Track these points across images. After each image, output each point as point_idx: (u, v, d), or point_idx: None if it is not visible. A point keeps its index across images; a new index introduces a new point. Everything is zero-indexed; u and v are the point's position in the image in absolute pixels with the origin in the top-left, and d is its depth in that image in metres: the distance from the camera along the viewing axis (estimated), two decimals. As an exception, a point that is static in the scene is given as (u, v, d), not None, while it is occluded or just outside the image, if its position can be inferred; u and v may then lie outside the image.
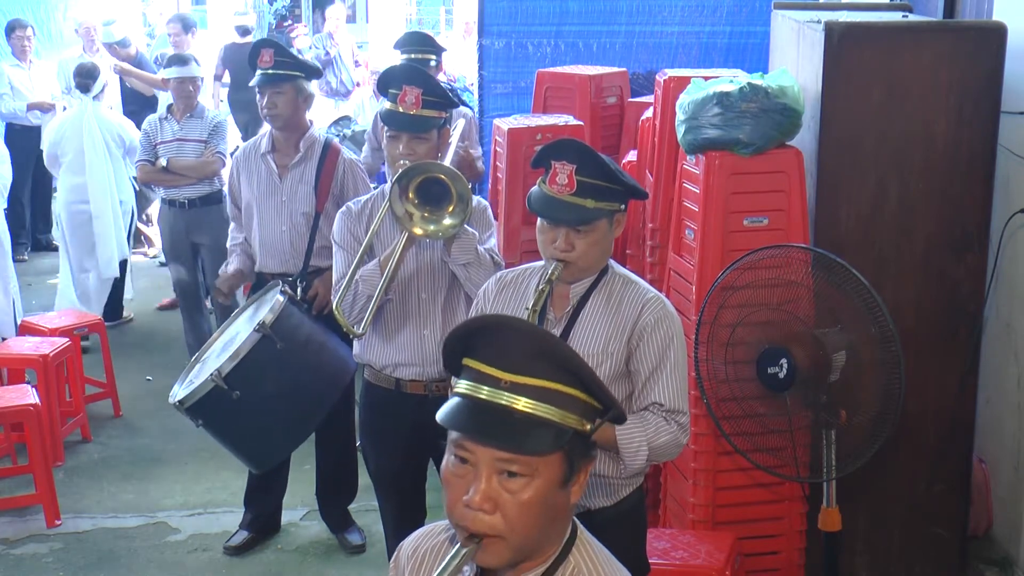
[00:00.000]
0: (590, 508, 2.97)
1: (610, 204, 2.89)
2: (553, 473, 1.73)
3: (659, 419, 2.90)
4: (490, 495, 1.71)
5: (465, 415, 1.72)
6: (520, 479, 1.71)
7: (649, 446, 2.88)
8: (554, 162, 2.88)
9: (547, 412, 1.71)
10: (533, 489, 1.71)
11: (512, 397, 1.70)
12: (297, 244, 4.76)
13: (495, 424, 1.70)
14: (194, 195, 6.58)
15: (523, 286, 3.05)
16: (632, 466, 2.90)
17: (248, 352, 4.13)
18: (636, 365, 2.94)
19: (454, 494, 1.74)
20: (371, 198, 3.89)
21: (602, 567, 1.83)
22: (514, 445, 1.69)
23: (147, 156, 6.57)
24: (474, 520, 1.71)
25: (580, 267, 2.93)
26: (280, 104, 4.70)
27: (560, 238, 2.89)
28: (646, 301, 2.95)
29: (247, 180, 4.82)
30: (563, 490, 1.76)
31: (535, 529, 1.74)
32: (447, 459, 1.76)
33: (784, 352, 3.54)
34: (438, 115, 3.74)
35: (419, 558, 1.95)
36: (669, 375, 2.93)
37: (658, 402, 2.92)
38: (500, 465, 1.71)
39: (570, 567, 1.81)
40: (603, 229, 2.91)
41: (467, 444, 1.72)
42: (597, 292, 2.98)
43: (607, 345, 2.94)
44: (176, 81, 6.59)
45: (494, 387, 1.71)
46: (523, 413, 1.70)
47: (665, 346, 2.92)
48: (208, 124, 6.61)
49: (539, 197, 2.92)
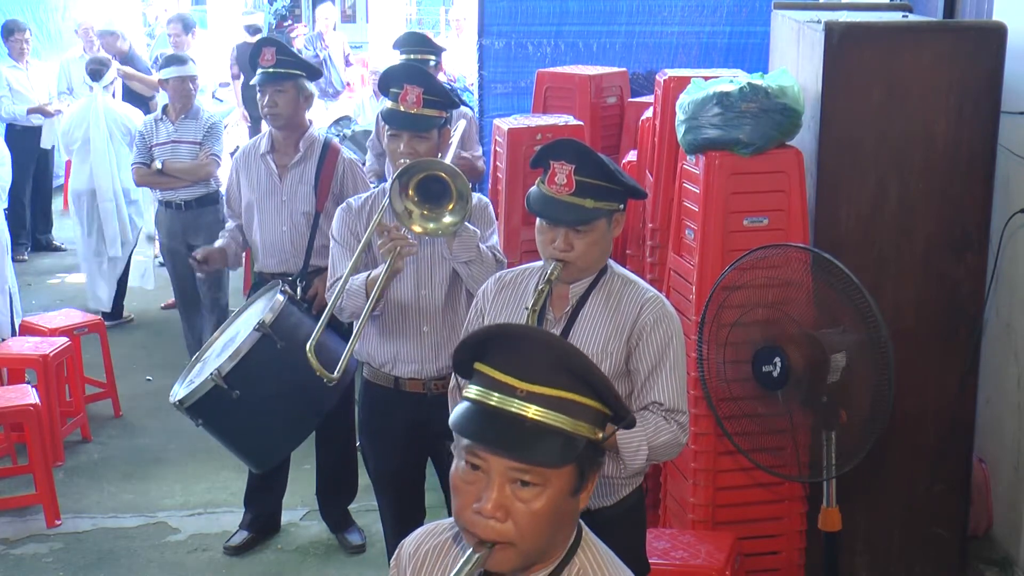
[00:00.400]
0: (590, 508, 2.96)
1: (609, 204, 2.89)
2: (565, 483, 1.73)
3: (659, 418, 2.91)
4: (502, 503, 1.70)
5: (479, 423, 1.71)
6: (532, 488, 1.71)
7: (649, 445, 2.88)
8: (553, 162, 2.88)
9: (559, 421, 1.70)
10: (545, 498, 1.71)
11: (523, 405, 1.69)
12: (297, 243, 4.76)
13: (508, 433, 1.69)
14: (190, 197, 6.53)
15: (522, 286, 3.05)
16: (632, 466, 2.90)
17: (248, 351, 4.13)
18: (635, 364, 2.94)
19: (464, 499, 1.74)
20: (372, 195, 3.89)
21: (607, 568, 1.84)
22: (528, 456, 1.69)
23: (142, 158, 6.53)
24: (485, 527, 1.71)
25: (579, 267, 2.93)
26: (281, 103, 4.69)
27: (559, 238, 2.89)
28: (645, 300, 2.95)
29: (247, 180, 4.83)
30: (573, 498, 1.76)
31: (545, 536, 1.75)
32: (457, 464, 1.76)
33: (779, 351, 3.54)
34: (439, 114, 3.74)
35: (421, 557, 1.96)
36: (668, 374, 2.93)
37: (658, 401, 2.92)
38: (513, 474, 1.70)
39: (575, 568, 1.82)
40: (602, 229, 2.91)
41: (480, 452, 1.72)
42: (596, 292, 2.98)
43: (606, 344, 2.94)
44: (175, 80, 6.54)
45: (507, 395, 1.70)
46: (534, 422, 1.69)
47: (664, 345, 2.93)
48: (203, 125, 6.57)
49: (538, 197, 2.92)
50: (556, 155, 2.89)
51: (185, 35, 9.22)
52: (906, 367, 4.12)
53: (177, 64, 6.66)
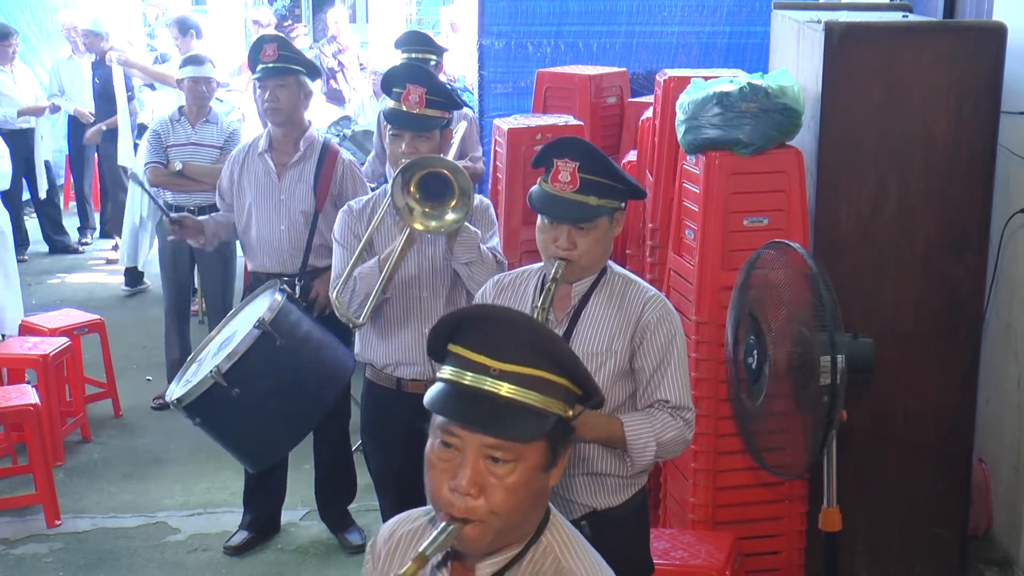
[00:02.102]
0: (596, 509, 2.98)
1: (611, 202, 2.90)
2: (537, 458, 1.78)
3: (665, 415, 2.92)
4: (476, 480, 1.76)
5: (453, 401, 1.77)
6: (506, 464, 1.76)
7: (657, 442, 2.89)
8: (556, 160, 2.88)
9: (531, 398, 1.76)
10: (518, 474, 1.76)
11: (496, 383, 1.75)
12: (295, 243, 4.75)
13: (482, 410, 1.75)
14: (204, 203, 6.25)
15: (521, 288, 3.05)
16: (640, 462, 2.92)
17: (248, 349, 4.13)
18: (640, 362, 2.94)
19: (439, 478, 1.79)
20: (373, 197, 3.90)
21: (573, 545, 1.89)
22: (502, 431, 1.75)
23: (158, 158, 6.35)
24: (460, 504, 1.76)
25: (582, 265, 2.93)
26: (283, 97, 4.68)
27: (562, 236, 2.89)
28: (648, 299, 2.96)
29: (245, 179, 4.82)
30: (545, 474, 1.81)
31: (518, 513, 1.80)
32: (431, 443, 1.82)
33: (763, 349, 3.53)
34: (441, 115, 3.75)
35: (395, 542, 2.02)
36: (674, 372, 2.94)
37: (664, 399, 2.93)
38: (486, 451, 1.76)
39: (542, 546, 1.87)
40: (604, 227, 2.91)
41: (454, 429, 1.77)
42: (598, 291, 2.98)
43: (611, 343, 2.94)
44: (190, 81, 6.43)
45: (481, 373, 1.76)
46: (507, 399, 1.75)
47: (668, 343, 2.94)
48: (224, 131, 6.45)
49: (541, 195, 2.92)
50: (559, 153, 2.89)
51: (184, 38, 9.13)
52: (906, 367, 4.13)
53: (193, 64, 6.54)
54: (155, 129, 6.51)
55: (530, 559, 1.85)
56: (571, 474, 2.93)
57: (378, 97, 8.32)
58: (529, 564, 1.85)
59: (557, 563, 1.85)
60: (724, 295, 3.77)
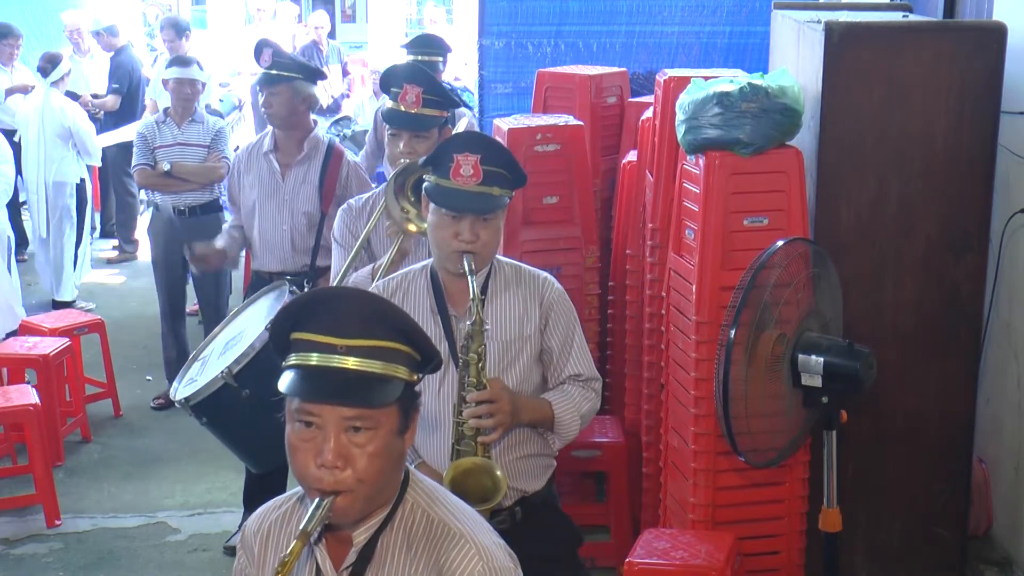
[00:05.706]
0: (526, 492, 3.07)
1: (508, 192, 2.98)
2: (392, 423, 1.89)
3: (579, 388, 3.07)
4: (341, 452, 1.86)
5: (306, 381, 1.87)
6: (365, 433, 1.87)
7: (580, 415, 3.05)
8: (456, 155, 2.93)
9: (377, 367, 1.86)
10: (378, 440, 1.87)
11: (343, 359, 1.85)
12: (298, 243, 4.76)
13: (336, 384, 1.85)
14: (194, 203, 6.36)
15: (412, 290, 3.08)
16: (566, 438, 3.06)
17: (261, 349, 4.11)
18: (548, 341, 3.06)
19: (304, 458, 1.88)
20: (372, 196, 3.91)
21: (437, 497, 2.00)
22: (357, 400, 1.85)
23: (145, 160, 6.35)
24: (329, 478, 1.85)
25: (483, 257, 2.98)
26: (275, 104, 4.73)
27: (465, 230, 2.92)
28: (542, 280, 3.08)
29: (248, 179, 4.83)
30: (400, 438, 1.93)
31: (382, 478, 1.90)
32: (289, 428, 1.91)
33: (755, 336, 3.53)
34: (439, 114, 3.76)
35: (265, 531, 2.07)
36: (579, 345, 3.08)
37: (575, 373, 3.07)
38: (346, 423, 1.86)
39: (408, 504, 1.98)
40: (501, 218, 3.00)
41: (312, 408, 1.87)
42: (493, 281, 3.05)
43: (523, 329, 3.03)
44: (175, 82, 6.41)
45: (328, 352, 1.85)
46: (355, 371, 1.85)
47: (570, 318, 3.07)
48: (210, 130, 6.44)
49: (442, 191, 2.94)
50: (459, 148, 2.95)
51: (179, 40, 9.09)
52: (906, 367, 4.12)
53: (179, 65, 6.55)
54: (141, 132, 6.51)
55: (400, 517, 1.96)
56: (504, 461, 3.00)
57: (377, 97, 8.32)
58: (400, 523, 1.96)
59: (427, 516, 1.97)
60: (724, 295, 3.76)
